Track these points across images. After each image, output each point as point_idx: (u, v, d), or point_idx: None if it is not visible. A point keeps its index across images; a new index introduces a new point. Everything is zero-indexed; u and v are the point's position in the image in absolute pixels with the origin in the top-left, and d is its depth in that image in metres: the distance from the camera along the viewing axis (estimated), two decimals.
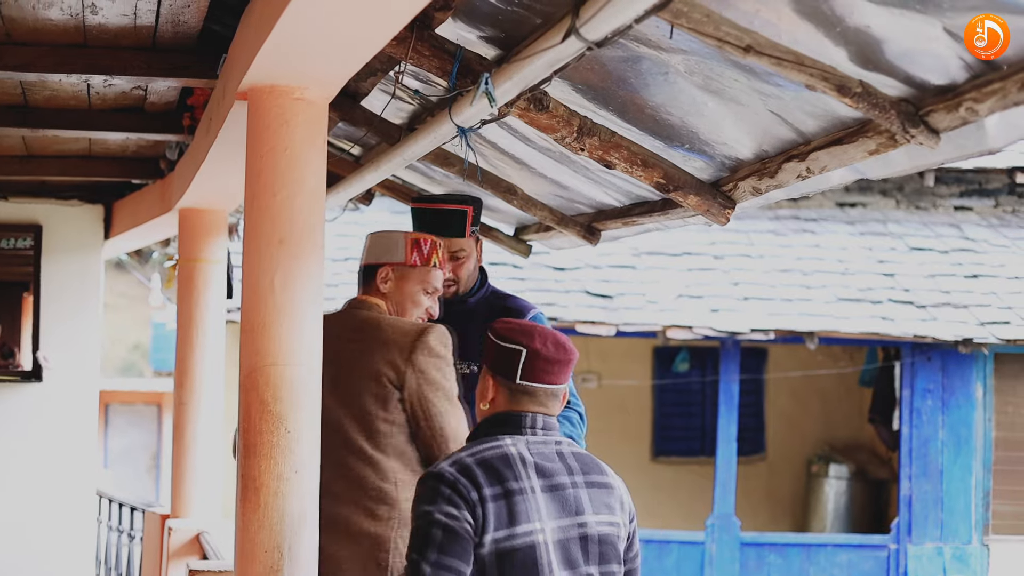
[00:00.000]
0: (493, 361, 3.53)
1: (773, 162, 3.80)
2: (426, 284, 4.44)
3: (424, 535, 3.33)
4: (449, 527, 3.34)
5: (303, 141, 3.77)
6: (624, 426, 14.93)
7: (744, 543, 12.81)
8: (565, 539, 3.45)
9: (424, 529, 3.34)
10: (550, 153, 4.74)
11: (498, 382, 3.51)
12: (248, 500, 3.73)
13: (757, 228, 14.23)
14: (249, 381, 3.74)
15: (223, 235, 7.28)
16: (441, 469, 3.40)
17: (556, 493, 3.48)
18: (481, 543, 3.37)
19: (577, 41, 2.94)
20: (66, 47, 5.04)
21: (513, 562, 3.37)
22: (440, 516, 3.34)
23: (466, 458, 3.42)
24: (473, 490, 3.39)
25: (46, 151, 7.77)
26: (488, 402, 3.54)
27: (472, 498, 3.38)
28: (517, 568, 3.37)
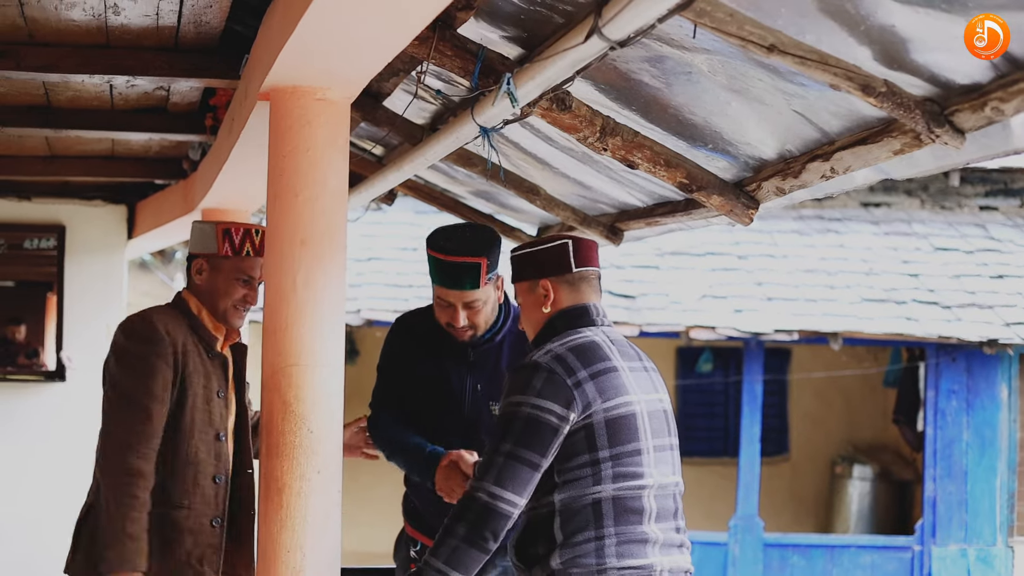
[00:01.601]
0: (540, 267, 3.91)
1: (797, 162, 3.79)
2: (240, 273, 4.49)
3: (506, 425, 3.69)
4: (532, 418, 3.67)
5: (325, 141, 3.77)
6: None
7: (767, 544, 12.76)
8: (653, 411, 3.88)
9: (507, 418, 3.70)
10: (573, 153, 4.73)
11: (554, 282, 3.90)
12: (271, 500, 3.73)
13: (781, 228, 14.18)
14: (272, 382, 3.74)
15: None
16: (536, 359, 3.75)
17: (637, 373, 3.87)
18: (590, 415, 3.71)
19: (600, 41, 2.93)
20: (89, 48, 5.05)
21: (619, 427, 3.74)
22: (525, 408, 3.68)
23: (557, 348, 3.77)
24: (568, 376, 3.72)
25: (69, 152, 7.79)
26: (549, 304, 3.90)
27: (569, 383, 3.71)
28: (623, 432, 3.75)
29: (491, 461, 3.66)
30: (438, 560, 3.65)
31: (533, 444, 3.66)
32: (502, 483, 3.65)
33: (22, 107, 6.25)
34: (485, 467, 3.67)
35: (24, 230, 9.33)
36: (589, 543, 3.69)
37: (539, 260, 3.92)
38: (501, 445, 3.66)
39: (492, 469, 3.65)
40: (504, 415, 3.71)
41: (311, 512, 3.71)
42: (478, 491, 3.66)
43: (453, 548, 3.65)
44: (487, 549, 3.67)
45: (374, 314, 12.00)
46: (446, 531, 3.68)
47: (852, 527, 13.98)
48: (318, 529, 3.72)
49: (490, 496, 3.64)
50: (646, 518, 3.79)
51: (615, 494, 3.73)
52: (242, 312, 4.53)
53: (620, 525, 3.73)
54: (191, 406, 4.34)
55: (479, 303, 4.43)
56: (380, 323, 12.06)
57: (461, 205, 6.64)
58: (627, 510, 3.74)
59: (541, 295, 3.89)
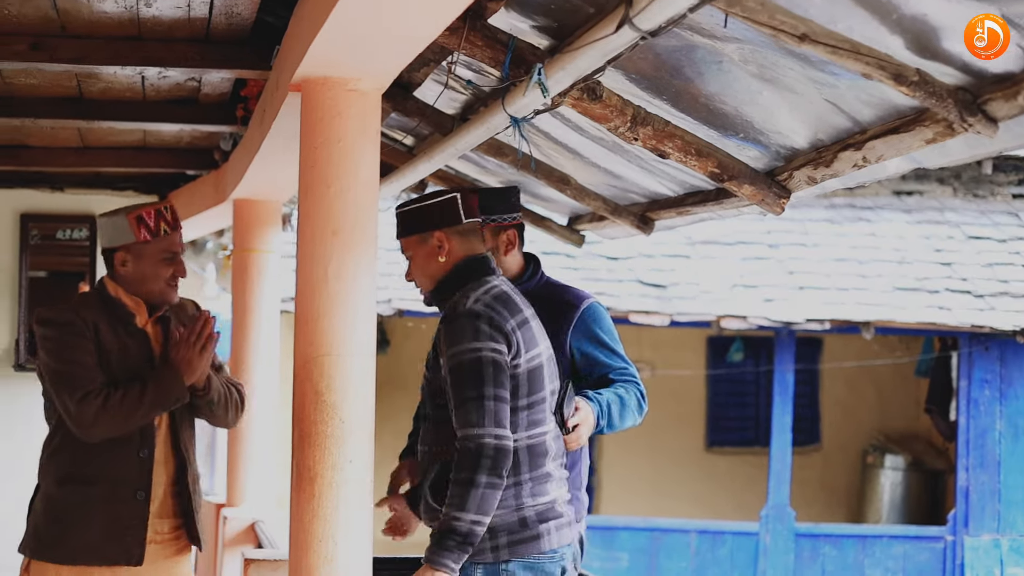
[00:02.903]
0: (431, 220, 4.13)
1: (829, 151, 3.77)
2: (163, 253, 4.62)
3: (476, 371, 3.93)
4: (495, 361, 3.97)
5: (356, 132, 3.77)
6: (678, 416, 14.89)
7: (799, 534, 12.75)
8: (548, 358, 4.18)
9: (475, 364, 3.92)
10: (603, 143, 4.72)
11: (447, 232, 4.14)
12: (303, 490, 3.75)
13: (812, 217, 14.14)
14: (304, 371, 3.75)
15: (277, 225, 7.31)
16: (473, 308, 4.00)
17: (536, 322, 4.17)
18: (517, 364, 4.03)
19: (631, 31, 2.92)
20: (121, 40, 5.07)
21: (534, 378, 4.07)
22: (486, 352, 3.96)
23: (484, 297, 4.05)
24: (505, 323, 4.02)
25: (101, 143, 7.83)
26: (444, 254, 4.14)
27: (507, 328, 4.02)
28: (536, 382, 4.08)
29: (482, 406, 3.91)
30: (468, 513, 3.87)
31: (503, 383, 3.98)
32: (500, 424, 3.93)
33: (55, 99, 6.28)
34: (478, 413, 3.91)
35: (57, 221, 9.39)
36: (508, 488, 4.01)
37: (430, 213, 4.16)
38: (484, 390, 3.92)
39: (487, 414, 3.92)
40: (470, 362, 3.94)
41: (343, 501, 3.72)
42: (485, 437, 3.90)
43: (480, 496, 3.89)
44: (502, 487, 3.95)
45: (405, 304, 12.03)
46: (468, 483, 3.88)
47: (884, 517, 13.95)
48: (350, 518, 3.73)
49: (496, 438, 3.91)
50: (548, 459, 4.13)
51: (529, 442, 4.06)
52: (176, 287, 4.69)
53: (533, 470, 4.07)
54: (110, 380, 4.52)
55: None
56: (411, 313, 12.10)
57: None
58: (537, 454, 4.08)
59: (435, 246, 4.14)
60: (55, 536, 4.56)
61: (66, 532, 4.55)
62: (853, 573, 12.78)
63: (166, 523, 4.65)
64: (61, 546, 4.55)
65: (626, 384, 4.71)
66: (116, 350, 4.57)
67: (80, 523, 4.53)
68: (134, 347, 4.61)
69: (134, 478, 4.57)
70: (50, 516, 4.59)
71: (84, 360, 4.51)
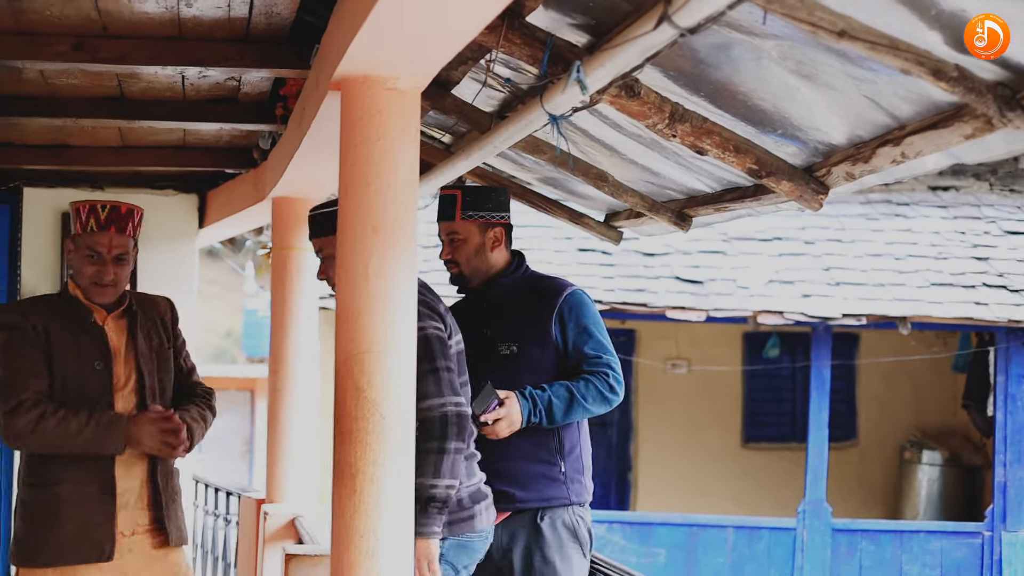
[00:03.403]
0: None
1: (867, 147, 3.78)
2: (87, 250, 4.61)
3: (425, 347, 4.13)
4: (439, 337, 4.30)
5: (396, 131, 3.79)
6: (714, 412, 14.89)
7: (836, 530, 12.72)
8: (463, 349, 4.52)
9: (422, 343, 4.01)
10: (641, 139, 4.74)
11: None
12: (344, 486, 3.77)
13: (848, 212, 14.11)
14: (344, 368, 3.77)
15: None
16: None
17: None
18: (450, 345, 4.37)
19: (670, 28, 2.93)
20: (161, 40, 5.10)
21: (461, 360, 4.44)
22: (430, 329, 4.26)
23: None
24: (438, 304, 4.42)
25: (141, 142, 7.87)
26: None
27: (440, 309, 4.40)
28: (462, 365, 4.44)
29: (438, 378, 4.24)
30: (443, 479, 4.20)
31: (450, 357, 4.33)
32: (456, 392, 4.28)
33: (96, 99, 6.33)
34: (436, 385, 4.22)
35: None
36: None
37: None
38: (437, 362, 4.25)
39: (443, 383, 4.25)
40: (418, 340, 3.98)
41: (384, 497, 3.75)
42: (446, 405, 4.24)
43: (452, 462, 4.23)
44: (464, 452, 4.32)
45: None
46: (439, 451, 4.20)
47: (921, 513, 13.90)
48: (391, 513, 3.75)
49: (456, 405, 4.26)
50: (472, 440, 4.47)
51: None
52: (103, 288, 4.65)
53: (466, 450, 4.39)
54: (61, 383, 4.55)
55: (458, 236, 5.01)
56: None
57: (529, 192, 6.65)
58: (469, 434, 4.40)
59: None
60: (34, 541, 4.59)
61: (42, 536, 4.57)
62: (890, 569, 12.74)
63: (145, 515, 4.69)
64: (40, 550, 4.58)
65: (590, 376, 4.90)
66: (70, 348, 4.56)
67: (53, 525, 4.56)
68: (88, 345, 4.60)
69: (98, 476, 4.58)
70: (26, 521, 4.62)
71: (23, 366, 4.50)
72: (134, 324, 4.72)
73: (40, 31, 4.98)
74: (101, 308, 4.68)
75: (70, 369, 4.57)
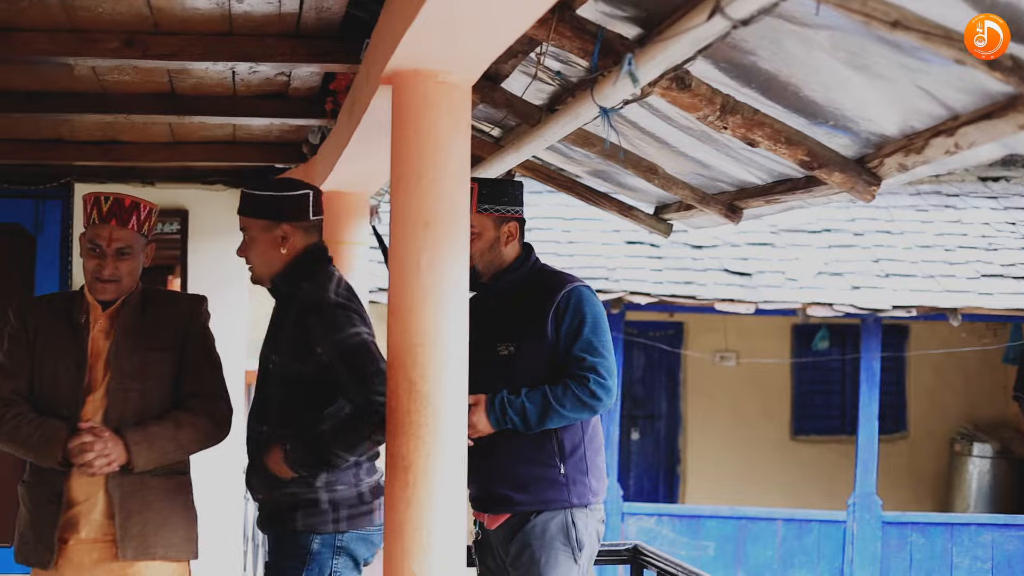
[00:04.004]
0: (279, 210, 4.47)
1: (920, 138, 3.76)
2: (88, 244, 4.44)
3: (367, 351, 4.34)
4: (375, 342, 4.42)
5: (447, 124, 3.80)
6: (763, 405, 14.84)
7: (886, 522, 12.66)
8: None
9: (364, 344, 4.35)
10: (691, 132, 4.73)
11: (293, 227, 4.51)
12: (397, 479, 3.79)
13: (898, 204, 14.04)
14: (397, 361, 3.79)
15: (365, 217, 7.36)
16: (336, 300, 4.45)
17: None
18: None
19: (722, 20, 2.93)
20: (212, 36, 5.13)
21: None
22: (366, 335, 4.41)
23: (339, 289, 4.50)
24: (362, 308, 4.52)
25: (192, 137, 7.92)
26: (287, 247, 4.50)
27: (365, 314, 4.51)
28: None
29: (382, 374, 4.25)
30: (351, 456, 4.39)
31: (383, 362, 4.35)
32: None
33: (147, 95, 6.37)
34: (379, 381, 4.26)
35: None
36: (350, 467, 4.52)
37: (281, 205, 4.52)
38: (380, 364, 4.30)
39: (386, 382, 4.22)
40: (359, 344, 4.37)
41: (437, 490, 3.76)
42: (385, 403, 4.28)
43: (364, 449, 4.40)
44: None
45: None
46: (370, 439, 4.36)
47: (972, 505, 13.82)
48: (444, 507, 3.77)
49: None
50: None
51: None
52: (103, 284, 4.46)
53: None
54: (38, 384, 4.42)
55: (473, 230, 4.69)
56: None
57: (578, 184, 6.65)
58: None
59: (279, 236, 4.52)
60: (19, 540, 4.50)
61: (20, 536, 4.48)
62: (941, 562, 12.68)
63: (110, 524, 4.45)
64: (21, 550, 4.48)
65: (571, 380, 4.74)
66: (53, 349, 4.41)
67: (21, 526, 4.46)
68: (70, 345, 4.43)
69: (50, 482, 4.40)
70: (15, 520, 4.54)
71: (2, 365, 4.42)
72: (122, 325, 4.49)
73: (92, 28, 5.02)
74: (97, 306, 4.50)
75: (46, 370, 4.41)
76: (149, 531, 4.47)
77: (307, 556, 4.52)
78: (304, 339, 4.47)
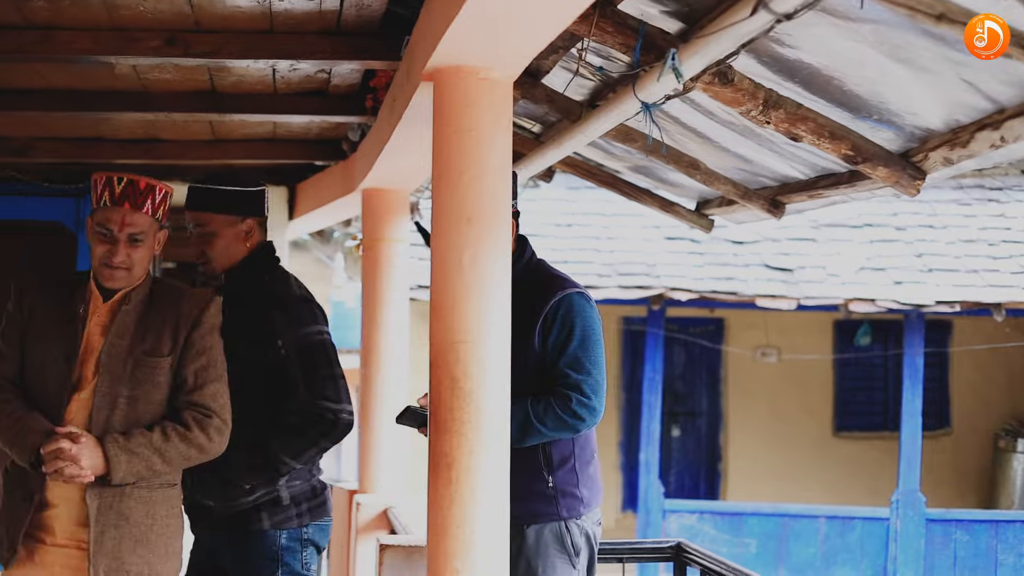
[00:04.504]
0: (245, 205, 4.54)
1: (965, 131, 3.73)
2: (97, 227, 4.08)
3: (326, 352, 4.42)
4: (332, 343, 4.48)
5: (489, 121, 3.79)
6: (805, 401, 14.78)
7: (930, 519, 12.58)
8: None
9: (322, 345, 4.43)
10: (733, 127, 4.71)
11: (257, 221, 4.60)
12: (440, 476, 3.78)
13: (940, 198, 13.95)
14: (440, 359, 3.78)
15: (405, 214, 7.36)
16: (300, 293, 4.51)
17: None
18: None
19: (766, 14, 2.92)
20: (253, 33, 5.13)
21: None
22: (326, 335, 4.47)
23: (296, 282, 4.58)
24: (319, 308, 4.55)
25: (232, 135, 7.93)
26: (251, 241, 4.56)
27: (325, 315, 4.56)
28: None
29: (337, 384, 4.40)
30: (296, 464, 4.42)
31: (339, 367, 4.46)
32: (350, 400, 4.43)
33: (188, 93, 6.38)
34: (336, 390, 4.37)
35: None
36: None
37: (247, 200, 4.57)
38: (335, 369, 4.40)
39: (342, 391, 4.41)
40: (319, 344, 4.43)
41: (480, 487, 3.75)
42: (343, 413, 4.40)
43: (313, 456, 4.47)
44: None
45: None
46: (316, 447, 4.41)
47: (1016, 502, 13.73)
48: (487, 504, 3.76)
49: (349, 414, 4.42)
50: None
51: None
52: (112, 271, 4.10)
53: None
54: (26, 369, 4.12)
55: None
56: None
57: (619, 180, 6.64)
58: None
59: (244, 231, 4.57)
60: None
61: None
62: (985, 559, 12.59)
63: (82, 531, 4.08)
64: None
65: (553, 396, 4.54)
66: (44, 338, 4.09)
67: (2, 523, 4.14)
68: (62, 337, 4.09)
69: (24, 479, 4.07)
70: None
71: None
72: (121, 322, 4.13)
73: (133, 27, 5.03)
74: (98, 296, 4.13)
75: (35, 361, 4.09)
76: (124, 548, 4.08)
77: (278, 553, 4.56)
78: (267, 331, 4.45)
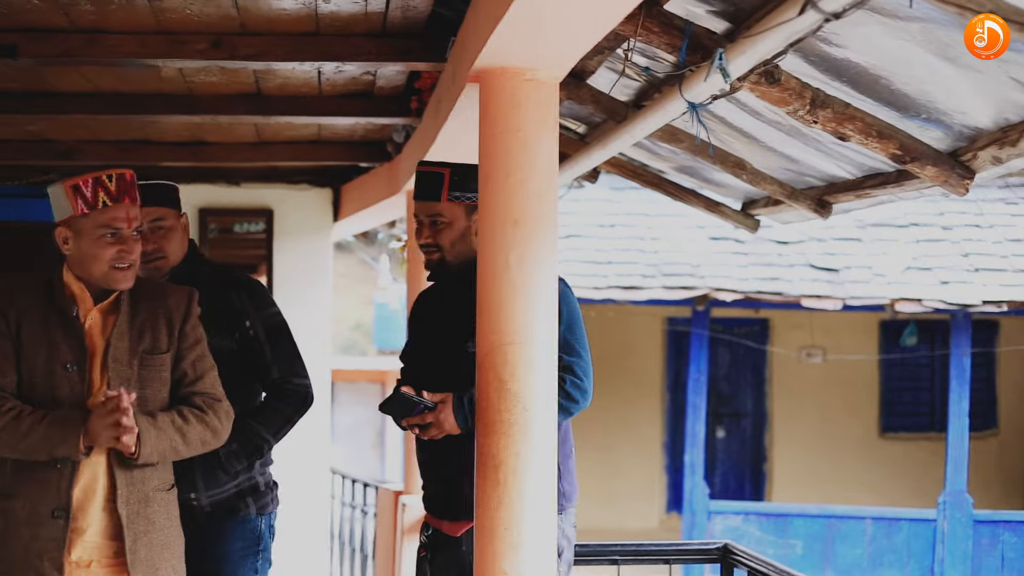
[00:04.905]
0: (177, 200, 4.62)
1: (1014, 130, 3.70)
2: (102, 229, 3.95)
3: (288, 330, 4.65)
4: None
5: (535, 122, 3.79)
6: (850, 401, 14.72)
7: (977, 521, 12.49)
8: None
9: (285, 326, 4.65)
10: (780, 126, 4.69)
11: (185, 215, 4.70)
12: (487, 478, 3.78)
13: (987, 197, 13.85)
14: (487, 360, 3.78)
15: None
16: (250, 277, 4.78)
17: None
18: None
19: (815, 13, 2.90)
20: (299, 36, 5.16)
21: None
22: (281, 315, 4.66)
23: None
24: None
25: (277, 137, 7.97)
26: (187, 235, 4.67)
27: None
28: None
29: (302, 361, 4.63)
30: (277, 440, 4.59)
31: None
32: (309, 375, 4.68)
33: (234, 96, 6.42)
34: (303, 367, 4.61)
35: (234, 214, 9.59)
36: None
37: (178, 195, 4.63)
38: (297, 347, 4.64)
39: (305, 368, 4.64)
40: (282, 323, 4.63)
41: (528, 489, 3.75)
42: (310, 388, 4.63)
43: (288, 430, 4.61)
44: None
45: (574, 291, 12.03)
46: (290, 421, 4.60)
47: None
48: (535, 506, 3.76)
49: (311, 386, 4.65)
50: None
51: None
52: (125, 271, 3.99)
53: None
54: (28, 383, 3.97)
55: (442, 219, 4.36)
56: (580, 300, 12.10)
57: (664, 181, 6.62)
58: None
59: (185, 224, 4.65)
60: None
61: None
62: None
63: (110, 545, 3.98)
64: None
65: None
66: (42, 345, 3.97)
67: (4, 544, 3.96)
68: (63, 343, 3.97)
69: (52, 493, 3.92)
70: None
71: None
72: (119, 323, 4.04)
73: (180, 30, 5.06)
74: (88, 299, 4.02)
75: (38, 369, 3.96)
76: (155, 554, 4.04)
77: (258, 538, 4.66)
78: (234, 314, 4.58)
